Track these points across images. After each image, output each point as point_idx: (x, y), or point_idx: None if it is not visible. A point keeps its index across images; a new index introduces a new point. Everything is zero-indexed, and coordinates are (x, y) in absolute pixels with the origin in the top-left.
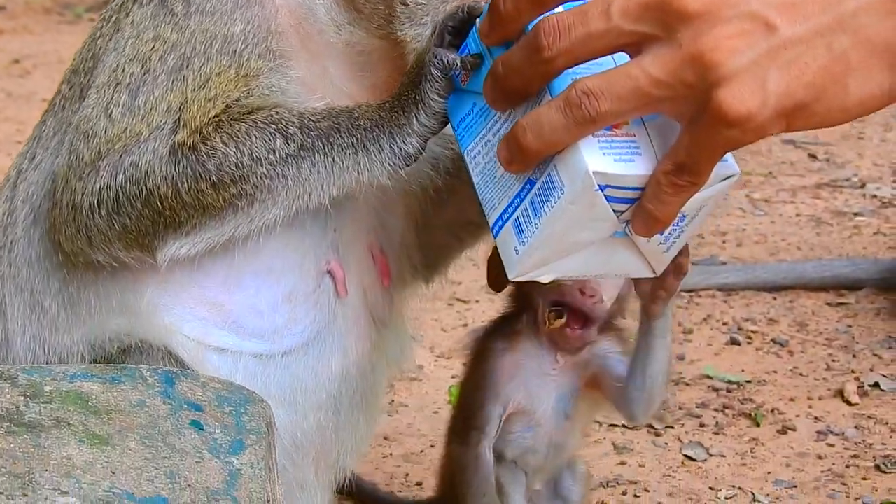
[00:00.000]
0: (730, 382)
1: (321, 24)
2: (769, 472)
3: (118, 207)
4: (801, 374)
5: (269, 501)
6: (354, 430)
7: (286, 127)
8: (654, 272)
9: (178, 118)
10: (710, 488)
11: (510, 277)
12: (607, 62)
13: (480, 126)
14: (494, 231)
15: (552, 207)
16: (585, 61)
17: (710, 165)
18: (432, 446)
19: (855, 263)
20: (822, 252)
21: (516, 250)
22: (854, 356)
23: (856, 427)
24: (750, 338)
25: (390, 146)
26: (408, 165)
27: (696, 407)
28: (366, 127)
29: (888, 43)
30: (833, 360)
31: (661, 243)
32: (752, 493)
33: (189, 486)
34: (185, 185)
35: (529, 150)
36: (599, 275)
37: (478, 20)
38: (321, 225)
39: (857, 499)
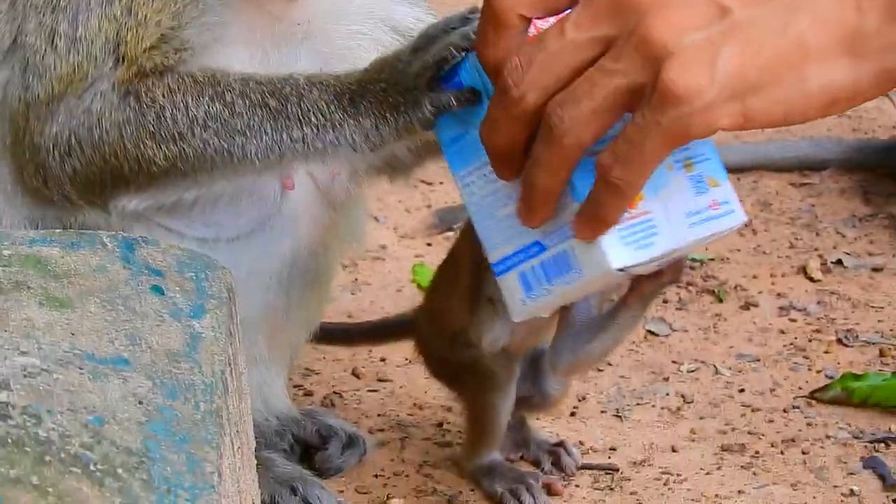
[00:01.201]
0: (693, 260)
1: None
2: (732, 347)
3: (70, 151)
4: (764, 252)
5: (230, 364)
6: (306, 308)
7: (224, 94)
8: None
9: (117, 52)
10: (673, 362)
11: (514, 319)
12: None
13: (475, 157)
14: (496, 270)
15: (568, 283)
16: (556, 90)
17: (651, 159)
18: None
19: (819, 144)
20: (786, 134)
21: (523, 301)
22: (817, 234)
23: (818, 303)
24: None
25: (348, 146)
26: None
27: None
28: (319, 125)
29: (847, 27)
30: (796, 239)
31: (650, 270)
32: (715, 367)
33: (150, 348)
34: (128, 131)
35: (541, 189)
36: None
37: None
38: None
39: (819, 371)
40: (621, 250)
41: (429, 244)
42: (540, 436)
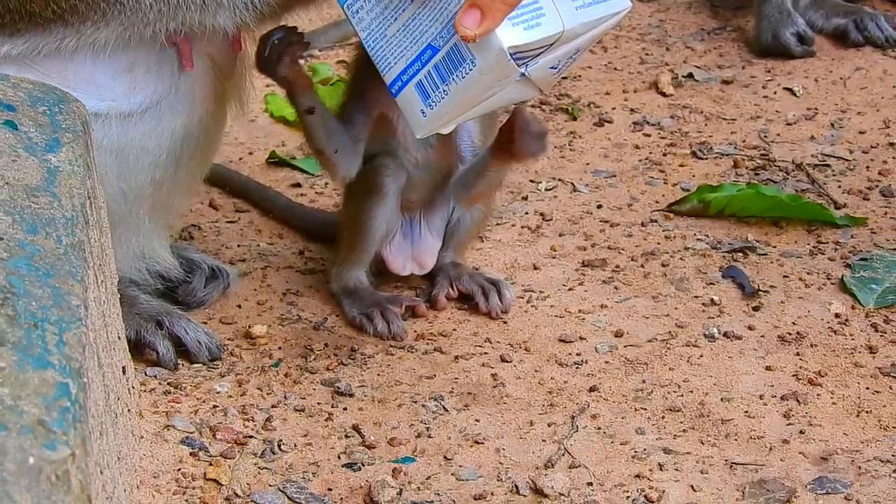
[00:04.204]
0: None
1: None
2: (588, 164)
3: None
4: (615, 69)
5: (89, 198)
6: (191, 180)
7: None
8: (542, 92)
9: None
10: (531, 181)
11: (417, 136)
12: None
13: None
14: (393, 90)
15: (462, 77)
16: None
17: None
18: (251, 153)
19: None
20: None
21: (423, 112)
22: (667, 49)
23: (671, 117)
24: None
25: None
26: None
27: (512, 105)
28: None
29: None
30: (647, 54)
31: (554, 75)
32: (573, 184)
33: (7, 184)
34: None
35: None
36: (494, 108)
37: None
38: None
39: (675, 185)
40: (510, 31)
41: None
42: (477, 272)
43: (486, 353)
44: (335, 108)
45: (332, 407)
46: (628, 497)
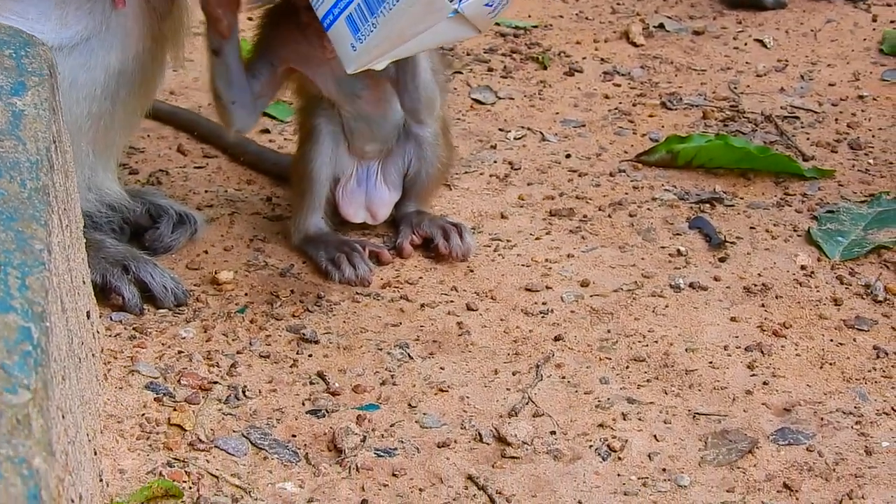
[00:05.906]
0: (517, 28)
1: None
2: (557, 113)
3: None
4: (587, 18)
5: (55, 142)
6: (131, 115)
7: None
8: (479, 31)
9: None
10: (500, 130)
11: (348, 71)
12: None
13: None
14: (325, 24)
15: (390, 9)
16: None
17: None
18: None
19: None
20: None
21: (353, 47)
22: None
23: (642, 67)
24: None
25: None
26: None
27: (484, 52)
28: None
29: None
30: (618, 4)
31: (490, 13)
32: (542, 133)
33: None
34: None
35: None
36: (430, 47)
37: None
38: None
39: (644, 135)
40: None
41: (250, 18)
42: (440, 217)
43: (451, 301)
44: (244, 61)
45: (297, 354)
46: (591, 446)
